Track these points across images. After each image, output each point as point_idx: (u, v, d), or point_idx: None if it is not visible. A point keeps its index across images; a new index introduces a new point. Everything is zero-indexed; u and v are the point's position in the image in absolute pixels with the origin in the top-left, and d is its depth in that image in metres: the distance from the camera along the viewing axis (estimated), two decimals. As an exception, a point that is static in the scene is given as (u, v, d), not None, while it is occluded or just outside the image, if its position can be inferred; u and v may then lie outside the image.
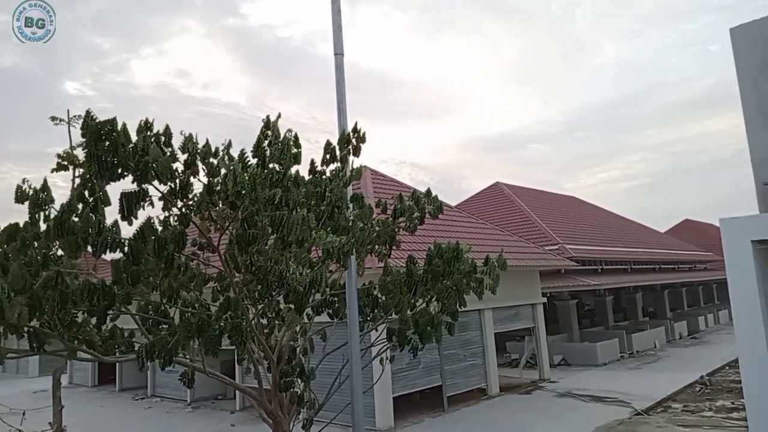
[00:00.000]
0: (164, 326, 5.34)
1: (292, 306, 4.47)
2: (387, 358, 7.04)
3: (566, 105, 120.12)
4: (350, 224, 5.39)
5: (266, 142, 4.60)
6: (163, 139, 4.67)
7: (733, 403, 13.37)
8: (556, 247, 22.03)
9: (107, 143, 3.90)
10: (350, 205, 5.68)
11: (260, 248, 4.18)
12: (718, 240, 9.19)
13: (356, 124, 5.75)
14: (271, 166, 4.52)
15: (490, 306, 16.18)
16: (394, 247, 6.89)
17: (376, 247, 6.72)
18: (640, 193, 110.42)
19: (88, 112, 3.93)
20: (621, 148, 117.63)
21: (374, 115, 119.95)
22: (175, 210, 4.42)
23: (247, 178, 3.97)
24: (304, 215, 4.02)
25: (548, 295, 21.49)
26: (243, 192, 3.97)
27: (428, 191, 6.73)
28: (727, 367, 18.09)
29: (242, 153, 4.31)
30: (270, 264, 4.28)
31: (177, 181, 4.26)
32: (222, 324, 4.32)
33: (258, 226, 4.06)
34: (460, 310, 6.72)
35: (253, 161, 4.44)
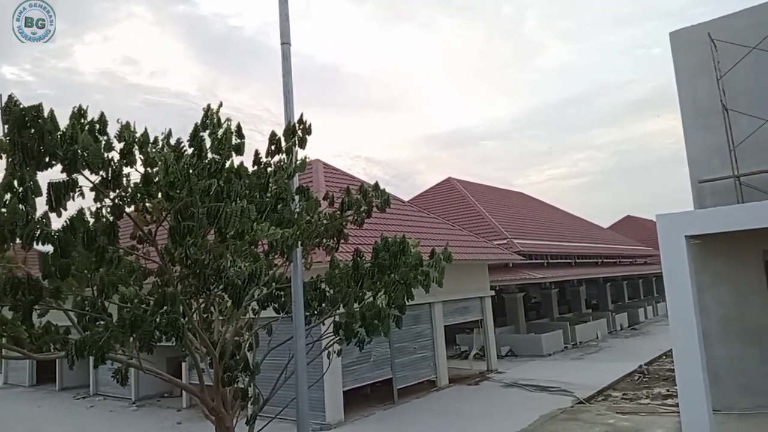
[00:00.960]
0: (101, 322, 5.13)
1: (230, 300, 4.37)
2: (334, 352, 7.01)
3: (517, 103, 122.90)
4: (295, 217, 5.32)
5: (207, 131, 4.46)
6: (97, 126, 4.47)
7: (668, 390, 14.04)
8: (505, 241, 22.52)
9: (32, 130, 3.69)
10: (295, 198, 5.60)
11: (197, 241, 4.06)
12: (657, 235, 9.64)
13: (302, 115, 5.68)
14: (210, 156, 4.38)
15: (440, 299, 16.39)
16: (342, 241, 6.86)
17: (324, 240, 6.67)
18: (586, 190, 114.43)
19: (10, 97, 3.70)
20: (568, 147, 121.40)
21: (330, 107, 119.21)
22: (107, 201, 4.23)
23: (180, 167, 3.84)
24: (244, 207, 3.93)
25: (497, 288, 21.99)
26: (176, 182, 3.84)
27: (376, 185, 6.73)
28: (663, 357, 18.98)
29: (178, 142, 4.16)
30: (208, 257, 4.17)
31: (109, 170, 4.07)
32: (157, 320, 4.18)
33: (194, 218, 3.94)
34: (408, 303, 6.77)
35: (189, 151, 4.30)
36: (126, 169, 4.49)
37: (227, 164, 4.49)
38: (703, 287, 11.25)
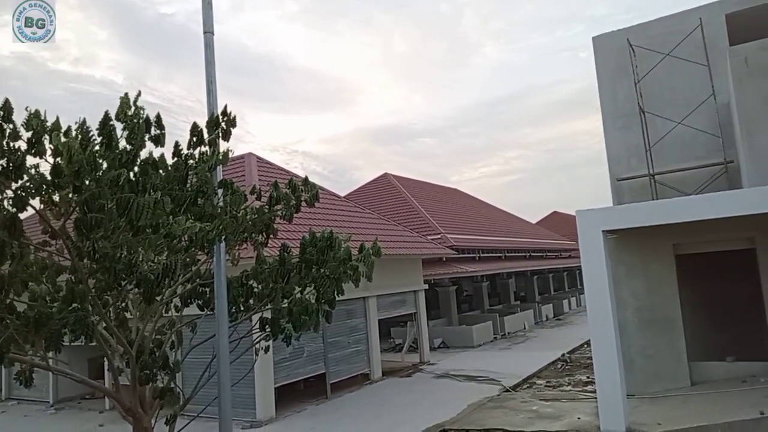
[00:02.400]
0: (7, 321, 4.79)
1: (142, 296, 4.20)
2: (262, 348, 6.91)
3: (453, 101, 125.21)
4: (218, 211, 5.17)
5: (124, 121, 4.24)
6: (1, 113, 4.17)
7: (588, 377, 14.79)
8: (439, 236, 22.95)
9: None
10: (218, 191, 5.45)
11: (106, 234, 3.86)
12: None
13: (226, 106, 5.53)
14: (122, 146, 4.18)
15: (374, 293, 16.50)
16: (271, 236, 6.75)
17: (253, 235, 6.54)
18: (517, 187, 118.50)
19: None
20: (501, 145, 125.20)
21: (266, 101, 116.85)
22: (9, 192, 3.95)
23: (86, 156, 3.63)
24: (157, 199, 3.78)
25: (431, 281, 22.39)
26: (81, 172, 3.63)
27: (306, 179, 6.67)
28: (585, 345, 19.97)
29: (86, 131, 3.93)
30: (119, 251, 3.97)
31: (10, 160, 3.80)
32: (64, 317, 3.95)
33: (103, 210, 3.74)
34: (341, 298, 6.77)
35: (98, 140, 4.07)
36: (35, 160, 4.21)
37: (143, 155, 4.31)
38: (619, 279, 11.93)
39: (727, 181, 11.68)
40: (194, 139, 5.23)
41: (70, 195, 3.86)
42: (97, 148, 3.87)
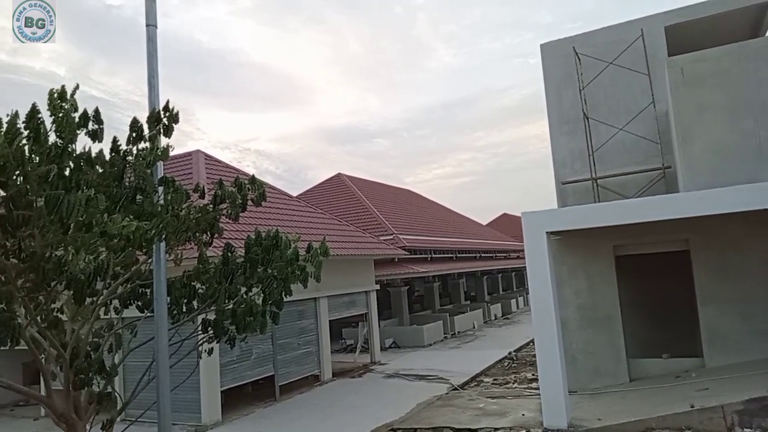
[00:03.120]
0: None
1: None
2: (205, 351, 6.74)
3: (407, 103, 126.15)
4: (158, 209, 5.01)
5: (53, 114, 4.03)
6: None
7: (533, 374, 15.17)
8: (391, 237, 23.06)
9: None
10: (159, 189, 5.28)
11: (34, 232, 3.66)
12: (522, 231, 10.35)
13: (168, 101, 5.36)
14: (53, 140, 3.98)
15: (325, 294, 16.41)
16: (216, 235, 6.60)
17: (197, 234, 6.38)
18: (469, 189, 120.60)
19: None
20: (454, 147, 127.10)
21: (218, 97, 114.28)
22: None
23: (13, 151, 3.44)
24: (90, 196, 3.62)
25: (384, 282, 22.46)
26: (8, 166, 3.43)
27: (252, 177, 6.55)
28: (531, 344, 20.48)
29: (13, 123, 3.71)
30: (49, 250, 3.78)
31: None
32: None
33: (31, 207, 3.56)
34: (292, 299, 6.67)
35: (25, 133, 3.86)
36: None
37: (78, 151, 4.11)
38: (562, 279, 12.32)
39: (664, 185, 12.25)
40: (134, 134, 5.05)
41: (-4, 191, 3.64)
42: (24, 142, 3.67)
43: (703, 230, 11.07)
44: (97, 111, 4.82)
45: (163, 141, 5.50)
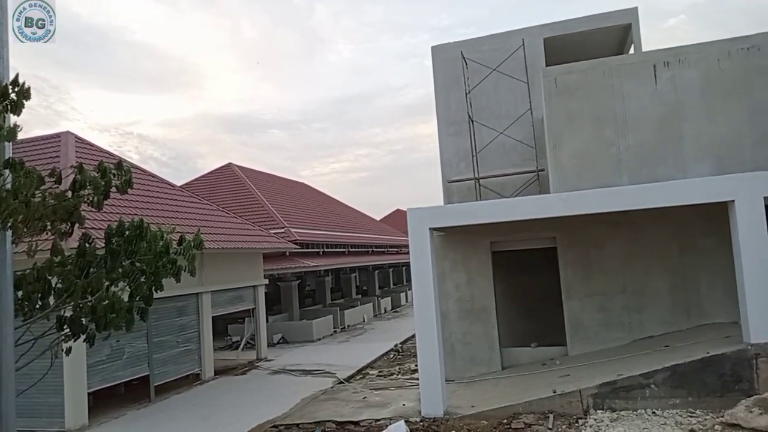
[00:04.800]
0: None
1: None
2: (63, 350, 6.17)
3: (305, 95, 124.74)
4: (3, 195, 4.50)
5: None
6: None
7: (416, 365, 15.65)
8: (282, 230, 22.69)
9: None
10: (5, 172, 4.74)
11: None
12: (407, 226, 10.62)
13: (17, 75, 4.82)
14: None
15: (209, 289, 15.79)
16: (78, 225, 6.05)
17: (56, 224, 5.81)
18: (365, 184, 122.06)
19: None
20: (351, 142, 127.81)
21: (98, 75, 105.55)
22: None
23: None
24: None
25: (275, 276, 22.05)
26: None
27: (119, 163, 6.08)
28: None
29: None
30: None
31: None
32: None
33: None
34: (164, 294, 6.29)
35: None
36: None
37: None
38: (444, 273, 12.84)
39: (538, 187, 13.17)
40: (-26, 111, 4.48)
41: None
42: None
43: (569, 229, 12.05)
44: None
45: (12, 119, 4.96)
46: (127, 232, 5.51)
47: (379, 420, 10.03)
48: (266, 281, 19.45)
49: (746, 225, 8.94)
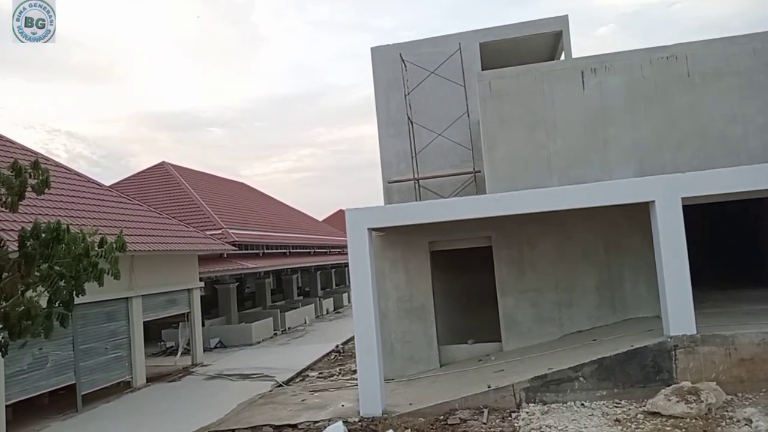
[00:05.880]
0: None
1: None
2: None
3: (246, 92, 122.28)
4: None
5: None
6: None
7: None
8: (220, 231, 22.13)
9: None
10: None
11: None
12: (344, 227, 10.58)
13: None
14: None
15: (140, 293, 15.18)
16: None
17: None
18: (309, 185, 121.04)
19: None
20: (294, 142, 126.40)
21: (20, 67, 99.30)
22: None
23: None
24: None
25: (214, 278, 21.46)
26: None
27: (35, 162, 5.75)
28: (358, 336, 21.16)
29: None
30: None
31: None
32: None
33: None
34: (91, 299, 5.99)
35: None
36: None
37: None
38: (384, 273, 12.91)
39: (475, 188, 13.48)
40: None
41: None
42: None
43: (504, 229, 12.40)
44: None
45: None
46: (43, 235, 5.20)
47: (317, 422, 9.94)
48: (202, 284, 18.90)
49: (666, 224, 9.48)
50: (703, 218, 17.17)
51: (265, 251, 26.33)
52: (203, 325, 19.60)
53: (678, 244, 9.40)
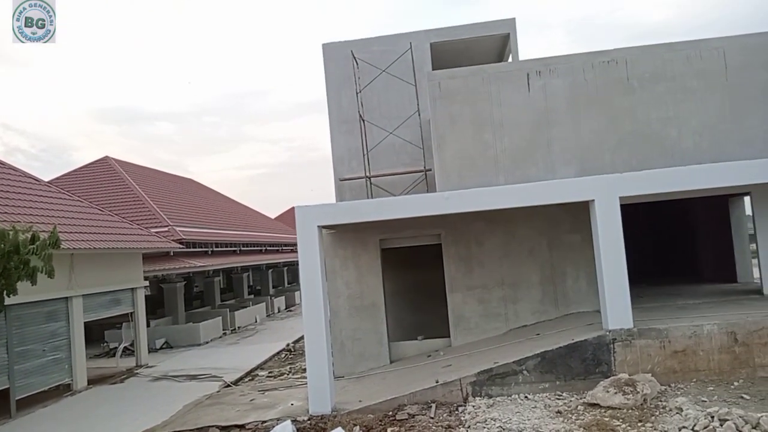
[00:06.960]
0: None
1: None
2: None
3: (196, 86, 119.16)
4: None
5: None
6: None
7: (308, 364, 15.59)
8: (166, 229, 21.52)
9: None
10: None
11: None
12: (294, 224, 10.49)
13: None
14: None
15: (80, 293, 14.58)
16: None
17: None
18: (261, 181, 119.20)
19: None
20: (246, 138, 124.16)
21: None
22: None
23: None
24: None
25: (161, 277, 20.84)
26: None
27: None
28: (309, 334, 21.03)
29: None
30: None
31: None
32: None
33: None
34: (23, 299, 5.72)
35: None
36: None
37: None
38: (335, 270, 12.90)
39: (426, 186, 13.62)
40: None
41: None
42: None
43: (452, 226, 12.61)
44: None
45: None
46: (-33, 232, 4.94)
47: (266, 421, 9.84)
48: (147, 283, 18.35)
49: (605, 222, 9.88)
50: (644, 217, 18.01)
51: (215, 249, 25.79)
52: (148, 325, 19.02)
53: (616, 241, 9.81)
